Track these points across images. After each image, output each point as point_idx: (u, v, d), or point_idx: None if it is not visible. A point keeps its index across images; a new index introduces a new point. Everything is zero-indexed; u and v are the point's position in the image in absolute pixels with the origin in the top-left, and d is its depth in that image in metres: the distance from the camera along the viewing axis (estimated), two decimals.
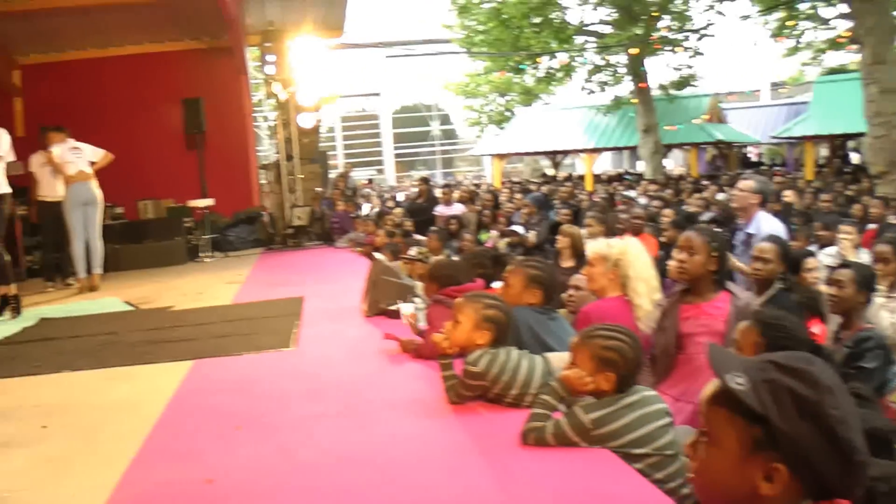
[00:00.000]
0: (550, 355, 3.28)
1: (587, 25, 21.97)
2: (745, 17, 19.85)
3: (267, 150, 28.41)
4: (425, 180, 15.28)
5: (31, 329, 6.54)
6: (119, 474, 2.81)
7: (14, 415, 3.73)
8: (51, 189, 9.42)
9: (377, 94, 44.11)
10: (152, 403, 3.66)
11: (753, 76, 38.67)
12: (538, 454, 2.65)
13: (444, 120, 47.96)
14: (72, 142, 9.37)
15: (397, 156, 45.70)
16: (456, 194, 14.30)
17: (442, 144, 48.54)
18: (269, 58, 14.22)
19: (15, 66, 15.18)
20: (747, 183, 5.81)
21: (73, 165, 9.12)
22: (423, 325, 4.40)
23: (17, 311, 7.16)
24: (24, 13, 13.43)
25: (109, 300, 7.95)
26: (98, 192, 9.32)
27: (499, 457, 2.71)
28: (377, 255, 7.11)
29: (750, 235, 5.40)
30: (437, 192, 14.21)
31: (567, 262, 6.46)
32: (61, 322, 6.82)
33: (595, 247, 4.32)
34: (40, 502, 2.74)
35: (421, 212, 12.73)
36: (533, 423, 2.74)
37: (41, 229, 10.19)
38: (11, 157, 7.63)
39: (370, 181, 31.43)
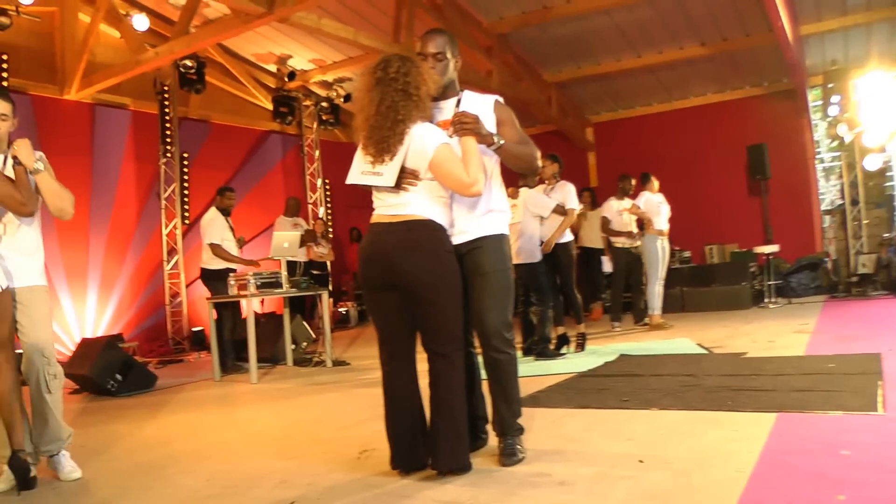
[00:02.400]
0: None
1: None
2: None
3: (823, 193, 26.92)
4: None
5: (612, 364, 6.91)
6: None
7: (610, 446, 3.94)
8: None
9: None
10: (743, 454, 3.54)
11: None
12: None
13: None
14: (647, 195, 9.91)
15: None
16: None
17: None
18: (832, 98, 13.43)
19: (588, 124, 16.45)
20: None
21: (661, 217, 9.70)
22: None
23: (581, 348, 7.72)
24: (596, 77, 14.56)
25: (682, 341, 8.09)
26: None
27: None
28: None
29: None
30: None
31: None
32: (640, 359, 7.07)
33: None
34: None
35: None
36: None
37: (614, 272, 10.69)
38: (576, 205, 8.20)
39: None
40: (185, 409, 6.53)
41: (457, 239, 3.71)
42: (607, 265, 10.50)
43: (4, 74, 10.37)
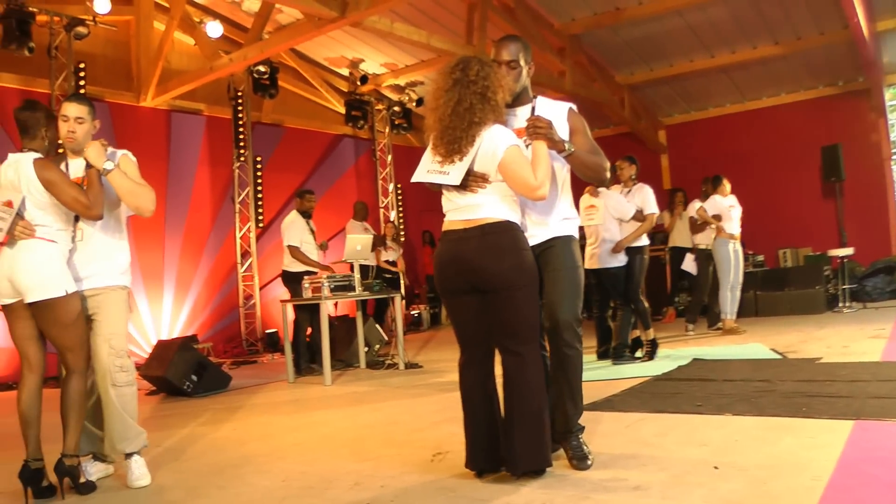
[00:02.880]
0: None
1: None
2: None
3: None
4: None
5: (686, 368, 6.88)
6: None
7: (685, 452, 3.93)
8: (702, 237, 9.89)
9: None
10: (819, 462, 3.50)
11: None
12: None
13: None
14: (715, 199, 9.79)
15: None
16: None
17: None
18: None
19: (660, 126, 16.30)
20: None
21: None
22: None
23: (651, 357, 7.65)
24: (668, 78, 14.43)
25: (755, 346, 8.00)
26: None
27: None
28: None
29: None
30: None
31: None
32: (713, 364, 7.02)
33: None
34: None
35: None
36: None
37: (696, 274, 10.55)
38: (655, 210, 8.13)
39: None
40: (260, 410, 6.67)
41: (531, 241, 3.75)
42: (690, 264, 10.34)
43: (82, 83, 10.72)
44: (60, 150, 4.37)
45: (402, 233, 15.37)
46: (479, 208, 3.59)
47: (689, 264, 10.38)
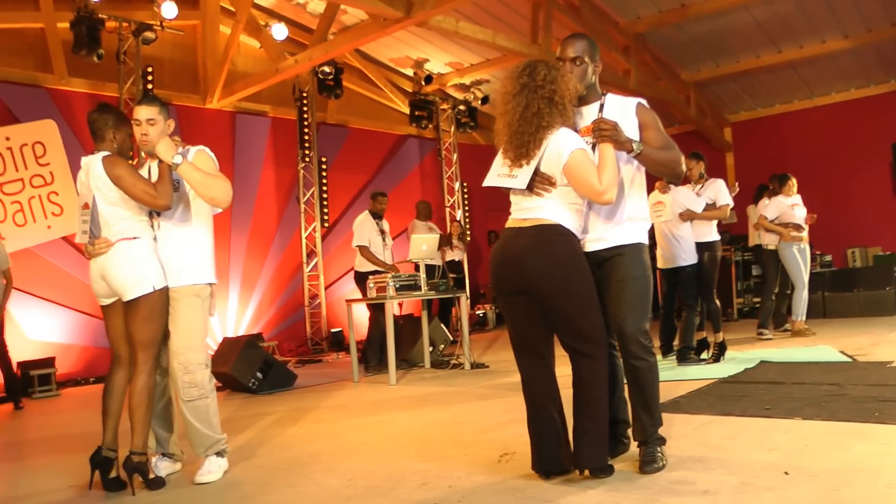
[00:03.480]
0: None
1: None
2: None
3: None
4: None
5: (752, 371, 6.81)
6: None
7: (753, 456, 3.90)
8: (770, 238, 9.76)
9: None
10: (893, 469, 3.42)
11: None
12: None
13: None
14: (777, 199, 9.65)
15: None
16: None
17: None
18: None
19: (726, 123, 16.10)
20: None
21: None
22: None
23: (717, 359, 7.56)
24: (734, 75, 14.24)
25: (824, 349, 7.88)
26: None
27: None
28: None
29: None
30: None
31: None
32: (781, 366, 6.94)
33: None
34: None
35: None
36: None
37: (764, 275, 10.42)
38: (729, 201, 8.01)
39: None
40: (325, 409, 6.76)
41: (595, 245, 3.76)
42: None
43: (150, 86, 11.02)
44: (133, 158, 4.44)
45: (468, 232, 15.41)
46: (538, 210, 3.62)
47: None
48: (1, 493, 4.49)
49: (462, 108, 15.11)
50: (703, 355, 7.77)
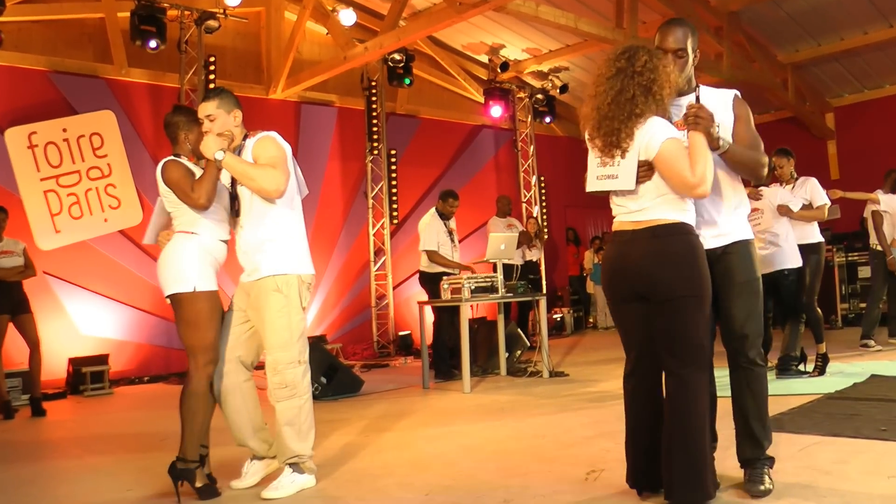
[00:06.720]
0: None
1: None
2: None
3: None
4: None
5: (863, 385, 6.59)
6: None
7: (870, 484, 3.75)
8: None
9: None
10: None
11: None
12: None
13: None
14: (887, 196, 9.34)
15: None
16: None
17: None
18: None
19: (828, 108, 15.67)
20: None
21: None
22: None
23: (821, 372, 7.33)
24: (838, 54, 13.83)
25: None
26: None
27: None
28: None
29: None
30: None
31: None
32: (894, 381, 6.71)
33: None
34: None
35: None
36: None
37: (872, 279, 10.07)
38: (826, 201, 7.79)
39: None
40: (396, 417, 6.74)
41: (715, 242, 3.70)
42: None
43: (212, 76, 11.17)
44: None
45: (546, 230, 15.32)
46: (648, 211, 3.52)
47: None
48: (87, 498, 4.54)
49: (539, 97, 14.99)
50: (801, 367, 7.54)
